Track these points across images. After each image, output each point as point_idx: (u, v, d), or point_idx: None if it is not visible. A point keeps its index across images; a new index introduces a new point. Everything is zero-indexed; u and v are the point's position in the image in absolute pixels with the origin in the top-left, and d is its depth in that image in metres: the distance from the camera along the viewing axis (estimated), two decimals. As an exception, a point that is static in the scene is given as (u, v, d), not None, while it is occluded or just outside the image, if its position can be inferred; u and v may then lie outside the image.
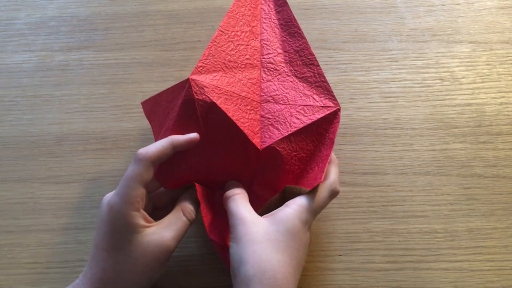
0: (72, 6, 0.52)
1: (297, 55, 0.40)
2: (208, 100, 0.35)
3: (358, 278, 0.41)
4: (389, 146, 0.45)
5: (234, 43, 0.40)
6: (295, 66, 0.40)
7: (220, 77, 0.37)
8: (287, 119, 0.38)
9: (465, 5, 0.50)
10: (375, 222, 0.42)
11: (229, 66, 0.38)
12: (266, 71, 0.40)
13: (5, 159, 0.45)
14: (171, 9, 0.51)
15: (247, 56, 0.40)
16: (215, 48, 0.38)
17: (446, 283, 0.40)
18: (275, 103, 0.39)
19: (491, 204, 0.43)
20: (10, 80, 0.48)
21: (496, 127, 0.45)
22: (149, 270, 0.34)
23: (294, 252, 0.33)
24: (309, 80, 0.39)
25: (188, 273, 0.41)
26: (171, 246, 0.34)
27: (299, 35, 0.41)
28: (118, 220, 0.33)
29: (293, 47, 0.41)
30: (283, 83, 0.40)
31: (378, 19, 0.50)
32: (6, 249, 0.42)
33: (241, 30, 0.40)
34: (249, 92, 0.38)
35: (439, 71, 0.48)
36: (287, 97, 0.39)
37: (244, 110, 0.37)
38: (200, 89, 0.36)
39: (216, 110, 0.36)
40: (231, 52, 0.39)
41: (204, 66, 0.37)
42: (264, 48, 0.41)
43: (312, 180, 0.36)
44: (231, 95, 0.37)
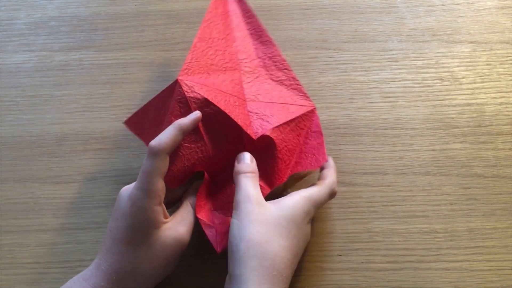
0: (72, 6, 0.52)
1: (270, 61, 0.43)
2: (199, 97, 0.37)
3: (358, 278, 0.41)
4: (389, 146, 0.45)
5: (213, 48, 0.42)
6: (270, 71, 0.43)
7: (205, 78, 0.39)
8: (273, 114, 0.40)
9: (465, 5, 0.50)
10: (375, 222, 0.42)
11: (212, 69, 0.41)
12: (245, 73, 0.42)
13: (5, 159, 0.45)
14: (171, 9, 0.51)
15: (226, 60, 0.42)
16: (197, 53, 0.40)
17: (446, 283, 0.40)
18: (259, 101, 0.41)
19: (491, 204, 0.43)
20: (10, 80, 0.48)
21: (496, 127, 0.45)
22: (166, 264, 0.35)
23: (294, 240, 0.34)
24: (284, 83, 0.43)
25: (190, 273, 0.41)
26: (186, 239, 0.35)
27: (270, 43, 0.44)
28: (140, 214, 0.33)
29: (266, 54, 0.44)
30: (263, 85, 0.42)
31: (378, 19, 0.50)
32: (6, 249, 0.42)
33: (217, 37, 0.42)
34: (234, 91, 0.40)
35: (439, 71, 0.48)
36: (269, 96, 0.41)
37: (234, 105, 0.39)
38: (190, 87, 0.37)
39: (209, 104, 0.37)
40: (211, 56, 0.41)
41: (189, 68, 0.39)
42: (239, 54, 0.43)
43: (316, 162, 0.39)
44: (219, 92, 0.39)
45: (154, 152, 0.34)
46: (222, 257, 0.41)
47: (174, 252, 0.35)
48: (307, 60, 0.48)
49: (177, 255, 0.35)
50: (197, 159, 0.37)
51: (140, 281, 0.34)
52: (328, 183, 0.38)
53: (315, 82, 0.48)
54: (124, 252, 0.34)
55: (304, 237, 0.36)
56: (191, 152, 0.37)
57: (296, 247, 0.35)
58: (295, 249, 0.34)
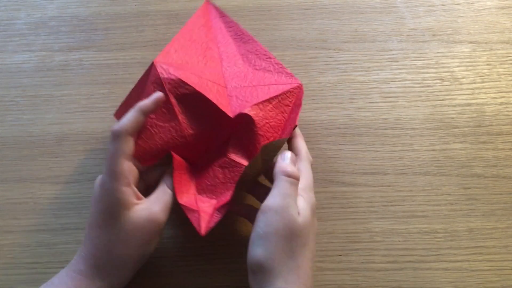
0: (72, 6, 0.52)
1: (253, 55, 0.43)
2: (174, 78, 0.38)
3: (358, 278, 0.41)
4: (389, 146, 0.45)
5: (193, 45, 0.42)
6: (253, 62, 0.43)
7: (183, 65, 0.40)
8: (253, 95, 0.39)
9: (465, 5, 0.50)
10: (375, 222, 0.42)
11: (191, 60, 0.41)
12: (227, 67, 0.42)
13: (5, 159, 0.45)
14: (171, 9, 0.51)
15: (206, 55, 0.42)
16: (176, 44, 0.41)
17: (446, 283, 0.40)
18: (240, 87, 0.40)
19: (491, 204, 0.43)
20: (10, 80, 0.48)
21: (496, 127, 0.45)
22: (141, 244, 0.35)
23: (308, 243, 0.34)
24: (268, 69, 0.42)
25: (190, 273, 0.41)
26: (160, 219, 0.35)
27: (252, 41, 0.44)
28: (109, 197, 0.34)
29: (248, 50, 0.43)
30: (246, 74, 0.42)
31: (378, 19, 0.50)
32: (6, 249, 0.42)
33: (198, 39, 0.43)
34: (212, 78, 0.40)
35: (439, 71, 0.48)
36: (250, 81, 0.41)
37: (211, 88, 0.39)
38: (165, 69, 0.38)
39: (184, 85, 0.38)
40: (192, 50, 0.42)
41: (168, 54, 0.40)
42: (221, 52, 0.43)
43: (290, 130, 0.38)
44: (196, 76, 0.39)
45: (116, 135, 0.34)
46: (223, 257, 0.41)
47: (148, 232, 0.35)
48: (307, 60, 0.48)
49: (152, 235, 0.35)
50: (171, 138, 0.38)
51: (117, 263, 0.34)
52: (305, 157, 0.38)
53: (315, 82, 0.48)
54: (98, 236, 0.34)
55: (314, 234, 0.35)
56: (163, 131, 0.37)
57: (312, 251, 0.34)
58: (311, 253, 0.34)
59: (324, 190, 0.43)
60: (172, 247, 0.42)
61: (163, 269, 0.41)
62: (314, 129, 0.46)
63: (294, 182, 0.34)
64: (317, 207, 0.43)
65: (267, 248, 0.31)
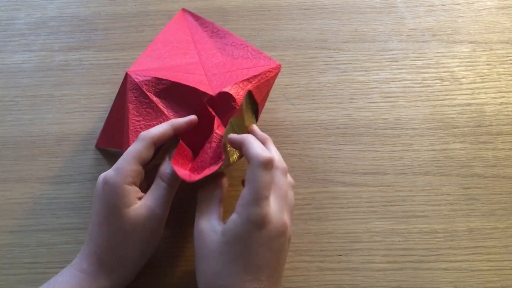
0: (72, 6, 0.52)
1: (230, 46, 0.43)
2: (149, 78, 0.39)
3: (358, 278, 0.41)
4: (389, 146, 0.45)
5: (168, 47, 0.43)
6: (231, 53, 0.43)
7: (159, 64, 0.41)
8: (233, 77, 0.40)
9: (465, 5, 0.50)
10: (375, 222, 0.42)
11: (167, 61, 0.42)
12: (205, 59, 0.43)
13: (5, 159, 0.45)
14: (171, 9, 0.51)
15: (183, 52, 0.43)
16: (148, 51, 0.42)
17: (446, 283, 0.40)
18: (220, 73, 0.41)
19: (491, 204, 0.43)
20: (10, 80, 0.48)
21: (496, 127, 0.45)
22: (141, 242, 0.35)
23: (250, 258, 0.32)
24: (246, 56, 0.42)
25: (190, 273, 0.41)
26: (157, 214, 0.34)
27: (229, 34, 0.44)
28: (111, 193, 0.34)
29: (225, 43, 0.44)
30: (225, 62, 0.42)
31: (378, 19, 0.50)
32: (6, 249, 0.42)
33: (174, 41, 0.44)
34: (191, 71, 0.41)
35: (439, 71, 0.48)
36: (230, 68, 0.41)
37: (189, 78, 0.39)
38: (139, 74, 0.39)
39: (160, 81, 0.39)
40: (166, 52, 0.43)
41: (139, 63, 0.41)
42: (199, 51, 0.44)
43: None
44: (171, 71, 0.40)
45: (141, 138, 0.35)
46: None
47: (148, 229, 0.34)
48: (307, 60, 0.48)
49: (152, 232, 0.35)
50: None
51: (118, 261, 0.34)
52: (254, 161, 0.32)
53: (315, 82, 0.48)
54: (100, 234, 0.34)
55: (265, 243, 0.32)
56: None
57: (256, 262, 0.32)
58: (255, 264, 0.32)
59: (324, 190, 0.43)
60: (172, 247, 0.42)
61: (163, 269, 0.41)
62: (314, 129, 0.46)
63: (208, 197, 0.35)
64: (317, 207, 0.43)
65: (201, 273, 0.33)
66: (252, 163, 0.32)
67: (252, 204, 0.32)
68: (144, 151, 0.35)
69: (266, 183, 0.32)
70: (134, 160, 0.34)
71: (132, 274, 0.36)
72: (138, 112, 0.38)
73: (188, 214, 0.43)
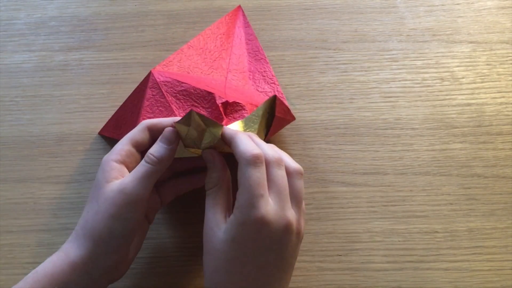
0: (72, 6, 0.52)
1: (260, 75, 0.45)
2: (170, 80, 0.40)
3: (358, 278, 0.41)
4: (389, 146, 0.45)
5: (202, 56, 0.44)
6: (257, 82, 0.45)
7: (183, 74, 0.42)
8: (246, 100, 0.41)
9: (465, 5, 0.50)
10: (375, 222, 0.42)
11: (193, 70, 0.43)
12: (231, 78, 0.44)
13: (5, 159, 0.45)
14: (171, 9, 0.51)
15: (212, 66, 0.44)
16: (181, 55, 0.43)
17: (446, 283, 0.40)
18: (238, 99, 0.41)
19: (491, 204, 0.43)
20: (10, 80, 0.48)
21: (496, 127, 0.45)
22: (109, 217, 0.32)
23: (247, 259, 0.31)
24: (268, 94, 0.44)
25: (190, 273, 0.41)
26: (129, 190, 0.32)
27: (265, 61, 0.46)
28: (100, 169, 0.34)
29: (257, 69, 0.45)
30: (247, 92, 0.43)
31: (378, 19, 0.50)
32: (6, 249, 0.42)
33: (210, 49, 0.45)
34: (213, 86, 0.41)
35: (439, 71, 0.48)
36: (250, 99, 0.42)
37: (208, 88, 0.40)
38: (162, 74, 0.41)
39: (180, 83, 0.40)
40: (197, 61, 0.44)
41: (168, 65, 0.42)
42: (231, 66, 0.45)
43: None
44: (193, 80, 0.41)
45: (139, 124, 0.36)
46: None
47: (117, 204, 0.32)
48: (307, 60, 0.48)
49: (121, 207, 0.32)
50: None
51: (88, 236, 0.33)
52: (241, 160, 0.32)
53: (315, 82, 0.48)
54: (84, 209, 0.35)
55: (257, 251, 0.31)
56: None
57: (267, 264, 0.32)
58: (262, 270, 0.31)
59: (324, 190, 0.43)
60: (172, 247, 0.42)
61: (163, 269, 0.41)
62: (314, 129, 0.46)
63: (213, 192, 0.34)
64: (317, 207, 0.43)
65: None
66: (239, 162, 0.31)
67: (246, 206, 0.30)
68: (137, 133, 0.35)
69: (258, 181, 0.31)
70: (127, 141, 0.35)
71: (105, 253, 0.33)
72: (151, 109, 0.40)
73: (188, 214, 0.43)
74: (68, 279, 0.32)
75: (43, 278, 0.32)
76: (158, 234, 0.42)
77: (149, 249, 0.42)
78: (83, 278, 0.33)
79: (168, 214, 0.43)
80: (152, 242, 0.42)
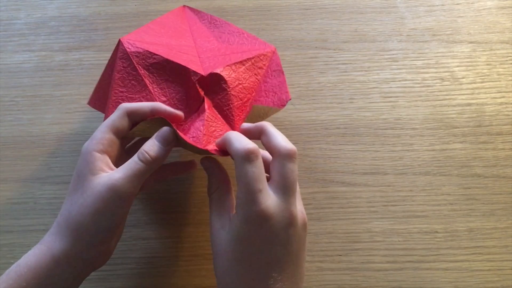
0: (72, 6, 0.52)
1: (227, 34, 0.44)
2: (141, 50, 0.38)
3: (358, 278, 0.41)
4: (389, 146, 0.45)
5: (166, 29, 0.43)
6: (227, 40, 0.43)
7: (154, 39, 0.40)
8: (226, 59, 0.40)
9: (465, 5, 0.50)
10: (375, 222, 0.42)
11: (163, 39, 0.41)
12: (200, 44, 0.43)
13: (5, 159, 0.45)
14: (171, 9, 0.51)
15: (178, 33, 0.43)
16: (146, 28, 0.42)
17: (446, 283, 0.40)
18: (214, 56, 0.40)
19: (491, 204, 0.43)
20: (10, 80, 0.48)
21: (496, 127, 0.45)
22: (95, 213, 0.32)
23: (254, 257, 0.31)
24: (242, 42, 0.43)
25: (190, 273, 0.41)
26: (118, 186, 0.32)
27: (226, 24, 0.45)
28: (81, 158, 0.33)
29: (221, 31, 0.44)
30: (220, 47, 0.42)
31: (378, 19, 0.50)
32: (6, 249, 0.42)
33: (171, 27, 0.44)
34: (185, 51, 0.40)
35: (439, 71, 0.48)
36: (225, 52, 0.41)
37: (181, 57, 0.39)
38: (132, 44, 0.38)
39: (152, 55, 0.38)
40: (164, 33, 0.42)
41: (136, 33, 0.40)
42: (195, 38, 0.44)
43: (278, 100, 0.40)
44: (164, 47, 0.39)
45: (117, 108, 0.35)
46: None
47: (104, 200, 0.32)
48: (307, 60, 0.48)
49: (108, 203, 0.32)
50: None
51: (71, 229, 0.32)
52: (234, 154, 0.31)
53: (315, 82, 0.48)
54: (66, 201, 0.34)
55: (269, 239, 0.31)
56: (136, 102, 0.37)
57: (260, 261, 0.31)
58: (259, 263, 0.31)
59: (324, 190, 0.43)
60: (172, 247, 0.42)
61: (163, 269, 0.41)
62: (314, 129, 0.46)
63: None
64: (317, 207, 0.43)
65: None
66: (235, 160, 0.31)
67: (246, 202, 0.30)
68: (117, 120, 0.34)
69: (254, 177, 0.30)
70: (107, 128, 0.34)
71: (88, 247, 0.33)
72: (123, 83, 0.38)
73: (188, 214, 0.43)
74: (51, 272, 0.32)
75: (27, 272, 0.31)
76: (157, 235, 0.42)
77: (149, 249, 0.42)
78: (66, 270, 0.32)
79: (168, 214, 0.43)
80: (152, 242, 0.42)
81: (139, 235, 0.42)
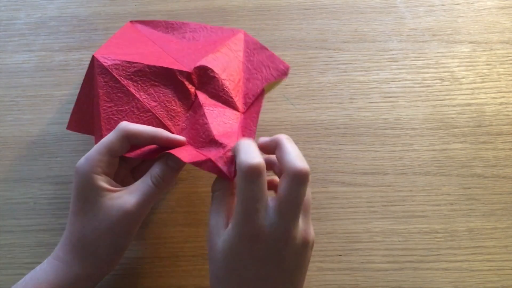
0: (72, 6, 0.52)
1: (189, 33, 0.44)
2: (119, 62, 0.38)
3: (358, 278, 0.41)
4: (389, 146, 0.45)
5: (129, 41, 0.42)
6: (191, 38, 0.43)
7: (125, 50, 0.40)
8: (201, 53, 0.40)
9: (465, 5, 0.50)
10: (375, 222, 0.42)
11: (130, 48, 0.41)
12: (168, 50, 0.42)
13: (5, 159, 0.45)
14: (171, 9, 0.51)
15: (145, 45, 0.42)
16: (110, 43, 0.41)
17: (446, 283, 0.40)
18: (188, 54, 0.40)
19: (491, 204, 0.43)
20: (10, 80, 0.48)
21: (496, 127, 0.45)
22: (112, 235, 0.33)
23: (243, 272, 0.31)
24: (208, 35, 0.43)
25: (189, 273, 0.41)
26: (133, 211, 0.33)
27: (184, 24, 0.44)
28: (82, 182, 0.33)
29: (181, 32, 0.44)
30: (189, 45, 0.42)
31: (378, 19, 0.50)
32: (6, 249, 0.42)
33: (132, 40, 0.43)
34: (159, 56, 0.40)
35: (439, 71, 0.48)
36: (196, 47, 0.41)
37: (159, 60, 0.39)
38: (107, 58, 0.38)
39: (131, 64, 0.38)
40: (130, 44, 0.42)
41: (108, 47, 0.40)
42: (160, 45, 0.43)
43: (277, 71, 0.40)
44: (141, 55, 0.39)
45: (116, 128, 0.34)
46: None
47: (120, 223, 0.33)
48: (307, 60, 0.48)
49: (123, 225, 0.33)
50: (137, 117, 0.37)
51: (90, 251, 0.34)
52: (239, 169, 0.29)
53: (315, 82, 0.48)
54: (74, 222, 0.34)
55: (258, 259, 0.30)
56: (127, 114, 0.37)
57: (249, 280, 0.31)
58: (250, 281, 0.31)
59: (324, 190, 0.43)
60: (172, 247, 0.42)
61: (163, 269, 0.41)
62: (314, 129, 0.46)
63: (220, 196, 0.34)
64: (317, 207, 0.43)
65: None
66: (237, 172, 0.30)
67: (241, 219, 0.29)
68: (115, 142, 0.33)
69: (253, 195, 0.29)
70: (105, 150, 0.33)
71: (107, 264, 0.35)
72: (109, 97, 0.37)
73: (188, 215, 0.43)
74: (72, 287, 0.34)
75: (47, 286, 0.33)
76: (157, 235, 0.42)
77: (149, 249, 0.42)
78: (84, 285, 0.35)
79: (167, 214, 0.43)
80: (152, 243, 0.42)
81: (139, 235, 0.42)
